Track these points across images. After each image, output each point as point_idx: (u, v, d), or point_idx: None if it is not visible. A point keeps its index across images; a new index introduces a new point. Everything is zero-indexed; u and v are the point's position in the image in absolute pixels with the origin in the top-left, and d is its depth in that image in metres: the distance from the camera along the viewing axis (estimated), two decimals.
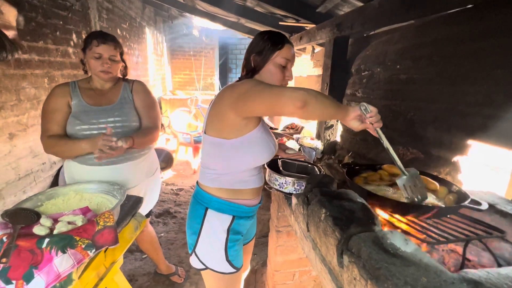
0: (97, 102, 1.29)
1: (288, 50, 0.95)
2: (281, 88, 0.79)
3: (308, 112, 0.75)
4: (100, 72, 1.25)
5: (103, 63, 1.23)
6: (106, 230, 0.93)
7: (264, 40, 0.94)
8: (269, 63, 0.94)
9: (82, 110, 1.25)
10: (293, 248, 1.49)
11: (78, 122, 1.23)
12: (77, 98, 1.27)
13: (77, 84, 1.31)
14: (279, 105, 0.77)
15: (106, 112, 1.27)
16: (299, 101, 0.73)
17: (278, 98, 0.77)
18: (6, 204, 1.70)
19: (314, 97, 0.74)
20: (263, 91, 0.79)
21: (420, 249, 0.60)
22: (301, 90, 0.75)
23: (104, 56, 1.23)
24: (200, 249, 0.99)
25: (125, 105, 1.32)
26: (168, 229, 2.45)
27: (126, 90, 1.36)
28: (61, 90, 1.27)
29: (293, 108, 0.74)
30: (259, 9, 3.04)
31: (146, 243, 1.67)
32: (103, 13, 3.17)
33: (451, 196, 0.83)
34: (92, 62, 1.24)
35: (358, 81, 1.88)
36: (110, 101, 1.31)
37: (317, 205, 0.79)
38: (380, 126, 0.80)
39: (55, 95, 1.26)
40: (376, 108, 0.78)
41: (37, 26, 1.95)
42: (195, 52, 7.28)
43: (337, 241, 0.67)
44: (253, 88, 0.82)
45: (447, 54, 1.15)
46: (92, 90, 1.31)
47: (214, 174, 0.98)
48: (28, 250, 0.81)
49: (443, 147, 1.16)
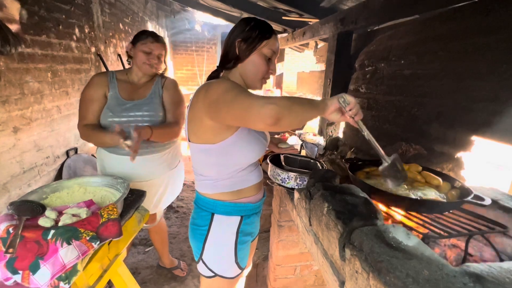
0: (130, 96, 1.35)
1: (275, 41, 0.89)
2: (251, 101, 0.69)
3: (282, 126, 0.69)
4: (144, 64, 1.32)
5: (150, 58, 1.32)
6: (110, 222, 0.94)
7: (251, 27, 0.86)
8: (254, 53, 0.86)
9: (115, 103, 1.31)
10: (295, 242, 1.50)
11: (110, 115, 1.30)
12: (114, 89, 1.33)
13: (115, 75, 1.37)
14: (250, 122, 0.71)
15: (137, 106, 1.33)
16: (269, 118, 0.66)
17: (247, 113, 0.69)
18: (11, 197, 1.72)
19: (287, 109, 0.67)
20: (232, 102, 0.72)
21: (422, 243, 0.60)
22: (271, 104, 0.66)
23: (154, 53, 1.32)
24: (208, 255, 0.96)
25: (154, 100, 1.37)
26: (171, 224, 2.47)
27: (158, 85, 1.41)
28: (100, 79, 1.34)
29: (264, 125, 0.68)
30: (262, 4, 3.01)
31: (157, 234, 1.72)
32: (106, 7, 3.15)
33: (454, 191, 0.83)
34: (141, 55, 1.31)
35: (361, 77, 1.87)
36: (141, 96, 1.36)
37: (319, 199, 0.80)
38: (360, 118, 0.77)
39: (94, 84, 1.32)
40: (354, 99, 0.75)
41: (40, 20, 1.95)
42: (197, 47, 7.24)
43: (339, 235, 0.67)
44: (224, 96, 0.74)
45: (452, 49, 1.14)
46: (128, 83, 1.38)
47: (210, 181, 0.93)
48: (34, 241, 0.82)
49: (446, 143, 1.16)
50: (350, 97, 0.75)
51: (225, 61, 0.91)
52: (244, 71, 0.90)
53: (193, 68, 7.36)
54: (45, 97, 2.05)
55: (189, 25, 6.88)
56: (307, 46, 4.10)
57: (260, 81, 0.93)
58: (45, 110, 2.06)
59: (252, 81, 0.92)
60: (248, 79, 0.92)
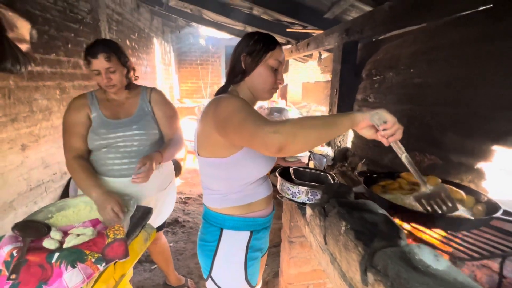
0: (115, 115, 1.26)
1: (280, 51, 0.89)
2: (256, 128, 0.68)
3: (289, 153, 0.66)
4: (105, 87, 1.21)
5: (103, 78, 1.17)
6: (116, 243, 0.91)
7: (255, 41, 0.87)
8: (261, 65, 0.87)
9: (100, 124, 1.23)
10: (307, 259, 1.44)
11: (96, 138, 1.21)
12: (96, 110, 1.24)
13: (95, 95, 1.27)
14: (255, 148, 0.71)
15: (124, 125, 1.24)
16: (273, 147, 0.65)
17: (252, 140, 0.69)
18: (18, 214, 1.70)
19: (292, 136, 0.64)
20: (239, 127, 0.72)
21: (453, 267, 0.55)
22: (275, 133, 0.65)
23: (101, 71, 1.16)
24: (217, 272, 0.94)
25: (143, 117, 1.28)
26: (177, 239, 2.42)
27: (144, 101, 1.31)
28: (79, 102, 1.24)
29: (268, 153, 0.67)
30: (265, 17, 3.06)
31: (158, 254, 1.65)
32: (113, 25, 3.24)
33: (480, 206, 0.77)
34: (96, 78, 1.19)
35: (369, 86, 1.84)
36: (128, 113, 1.28)
37: (336, 217, 0.75)
38: (396, 139, 0.70)
39: (74, 108, 1.23)
40: (393, 117, 0.68)
41: (49, 39, 2.00)
42: (201, 61, 7.38)
43: (360, 257, 0.62)
44: (232, 118, 0.74)
45: (465, 56, 1.11)
46: (109, 101, 1.28)
47: (219, 195, 0.92)
48: (38, 265, 0.79)
49: (464, 153, 1.11)
50: (388, 115, 0.69)
51: (232, 76, 0.91)
52: (252, 84, 0.90)
53: (198, 81, 7.47)
54: (53, 114, 2.08)
55: (193, 39, 7.04)
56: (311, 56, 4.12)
57: (269, 92, 0.92)
58: (53, 127, 2.07)
59: (260, 93, 0.92)
60: (256, 92, 0.91)
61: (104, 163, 1.25)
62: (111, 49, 1.17)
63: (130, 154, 1.26)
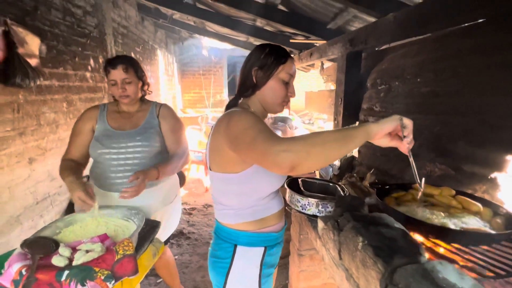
0: (121, 126, 1.29)
1: (291, 64, 0.87)
2: (267, 147, 0.65)
3: (302, 171, 0.64)
4: (119, 97, 1.27)
5: (118, 88, 1.24)
6: (126, 259, 0.89)
7: (266, 54, 0.85)
8: (272, 79, 0.85)
9: (104, 134, 1.26)
10: (317, 272, 1.40)
11: (99, 146, 1.23)
12: (102, 121, 1.29)
13: (107, 106, 1.34)
14: (266, 167, 0.68)
15: (128, 136, 1.26)
16: (285, 167, 0.63)
17: (264, 160, 0.67)
18: (24, 229, 1.69)
19: (305, 153, 0.62)
20: (250, 145, 0.69)
21: (479, 285, 0.53)
22: (286, 152, 0.62)
23: (118, 82, 1.23)
24: None
25: (148, 130, 1.30)
26: (182, 251, 2.38)
27: (153, 115, 1.35)
28: (90, 113, 1.30)
29: (280, 172, 0.67)
30: (269, 28, 3.10)
31: (163, 268, 1.62)
32: (119, 38, 3.30)
33: (499, 219, 0.75)
34: (111, 89, 1.26)
35: (375, 95, 1.84)
36: (134, 125, 1.31)
37: (351, 232, 0.74)
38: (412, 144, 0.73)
39: (84, 118, 1.29)
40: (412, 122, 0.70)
41: (58, 54, 2.03)
42: (204, 71, 7.47)
43: (380, 275, 0.60)
44: (243, 135, 0.72)
45: (474, 65, 1.11)
46: (119, 113, 1.33)
47: (232, 210, 0.90)
48: (47, 284, 0.77)
49: (476, 162, 1.09)
50: (407, 120, 0.67)
51: (243, 90, 0.91)
52: (263, 97, 0.89)
53: (201, 91, 7.54)
54: (60, 127, 2.09)
55: (196, 50, 7.15)
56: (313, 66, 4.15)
57: (280, 105, 0.92)
58: (60, 139, 2.09)
59: (272, 106, 0.91)
60: (267, 105, 0.91)
61: (107, 176, 1.26)
62: (130, 62, 1.26)
63: (132, 167, 1.25)
